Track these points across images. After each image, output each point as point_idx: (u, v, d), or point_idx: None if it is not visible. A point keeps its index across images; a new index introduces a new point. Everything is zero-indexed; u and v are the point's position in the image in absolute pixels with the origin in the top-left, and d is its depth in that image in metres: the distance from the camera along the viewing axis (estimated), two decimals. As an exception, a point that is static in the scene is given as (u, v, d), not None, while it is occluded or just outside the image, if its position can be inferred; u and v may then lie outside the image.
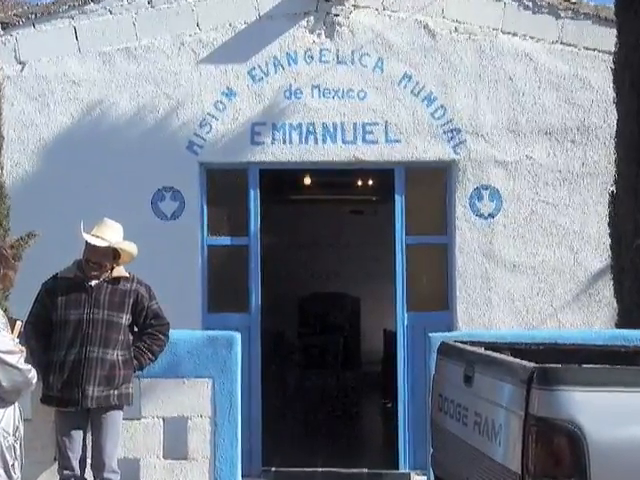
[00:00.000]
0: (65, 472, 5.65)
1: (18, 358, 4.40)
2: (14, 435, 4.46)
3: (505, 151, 8.37)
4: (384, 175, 8.96)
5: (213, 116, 8.35)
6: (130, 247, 5.83)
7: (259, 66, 8.40)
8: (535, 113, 8.39)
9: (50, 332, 5.70)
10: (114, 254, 5.76)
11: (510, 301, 8.31)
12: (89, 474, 5.73)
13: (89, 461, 5.73)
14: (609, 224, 7.65)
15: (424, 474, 7.44)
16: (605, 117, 8.32)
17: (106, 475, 5.66)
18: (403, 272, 8.39)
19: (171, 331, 5.96)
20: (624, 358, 5.17)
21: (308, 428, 10.56)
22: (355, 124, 8.37)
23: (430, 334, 6.72)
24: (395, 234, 8.44)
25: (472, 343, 5.49)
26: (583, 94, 8.41)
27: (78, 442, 5.67)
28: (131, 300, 5.76)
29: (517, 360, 4.57)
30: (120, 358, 5.68)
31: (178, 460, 6.21)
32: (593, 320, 8.30)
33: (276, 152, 8.37)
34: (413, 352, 8.24)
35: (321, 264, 15.33)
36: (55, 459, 5.84)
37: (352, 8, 8.39)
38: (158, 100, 8.37)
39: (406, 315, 8.38)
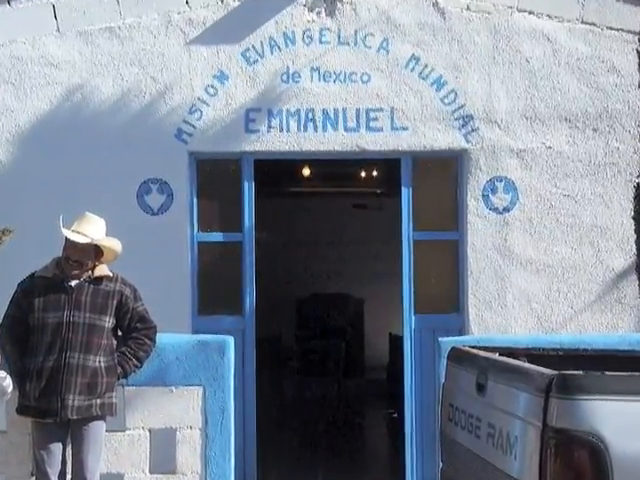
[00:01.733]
0: (43, 488, 5.67)
1: (-9, 365, 4.40)
2: (-13, 448, 4.47)
3: (521, 139, 8.37)
4: (390, 166, 8.97)
5: (204, 101, 8.35)
6: (113, 244, 5.84)
7: (254, 47, 8.39)
8: (554, 98, 8.38)
9: (27, 336, 5.70)
10: (96, 251, 5.77)
11: (526, 302, 8.31)
12: (69, 490, 5.75)
13: (69, 476, 5.74)
14: (634, 219, 7.65)
15: (433, 490, 7.46)
16: (630, 103, 8.32)
17: (87, 491, 5.68)
18: (410, 271, 8.40)
19: (158, 335, 5.97)
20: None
21: (307, 440, 10.57)
22: (358, 110, 8.36)
23: (440, 338, 6.76)
24: (402, 230, 8.44)
25: (485, 348, 5.49)
26: (606, 78, 8.40)
27: (57, 456, 5.67)
28: (115, 302, 5.77)
29: (534, 367, 4.57)
30: (103, 365, 5.69)
31: (166, 475, 6.22)
32: (617, 323, 8.31)
33: (272, 141, 8.37)
34: (421, 358, 8.25)
35: (321, 263, 15.36)
36: (32, 474, 5.85)
37: (355, -16, 8.40)
38: (144, 84, 8.36)
39: (413, 318, 8.38)
